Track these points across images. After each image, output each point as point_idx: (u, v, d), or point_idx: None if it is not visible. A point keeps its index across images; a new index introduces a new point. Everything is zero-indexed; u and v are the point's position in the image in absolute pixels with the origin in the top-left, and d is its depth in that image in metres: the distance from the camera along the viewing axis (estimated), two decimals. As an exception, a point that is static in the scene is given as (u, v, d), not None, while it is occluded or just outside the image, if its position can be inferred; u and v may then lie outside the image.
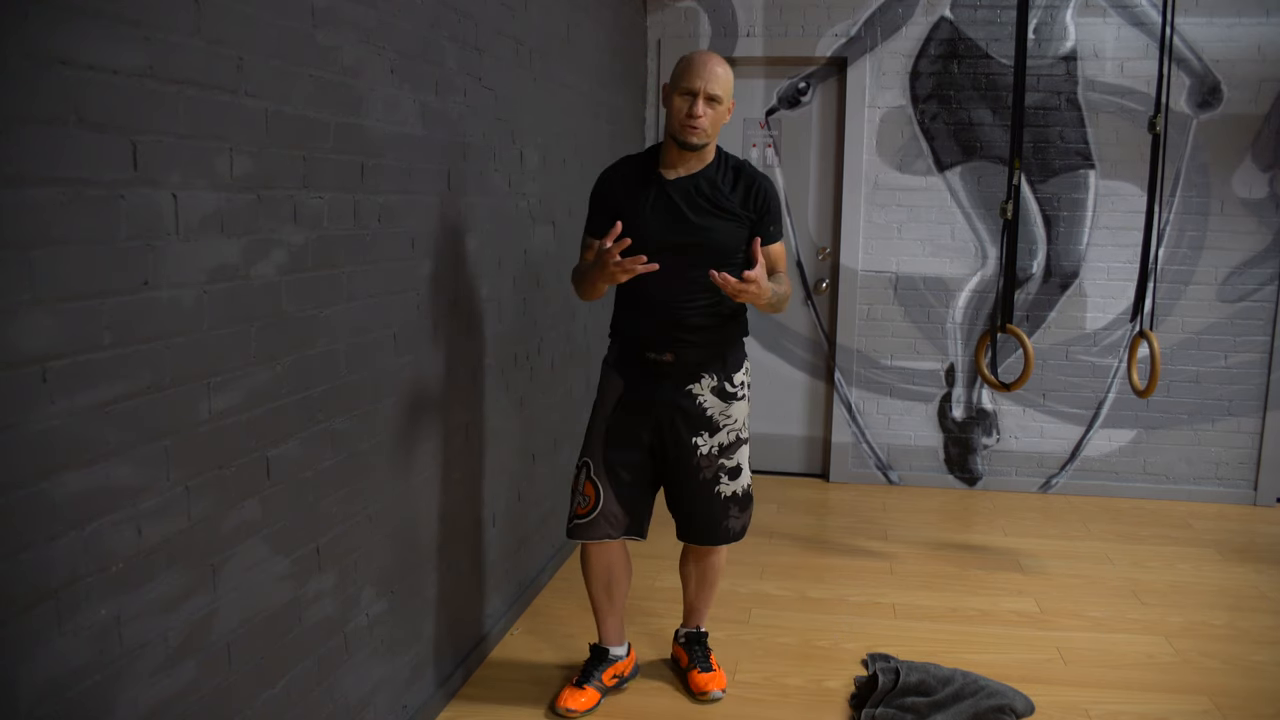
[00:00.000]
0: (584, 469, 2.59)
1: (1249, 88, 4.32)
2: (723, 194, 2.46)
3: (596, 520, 2.58)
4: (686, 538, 2.68)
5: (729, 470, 2.58)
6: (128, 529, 1.45)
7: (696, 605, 2.81)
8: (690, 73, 2.37)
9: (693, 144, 2.40)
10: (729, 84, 2.39)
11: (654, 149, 2.56)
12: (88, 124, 1.33)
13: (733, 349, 2.58)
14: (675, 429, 2.53)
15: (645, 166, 2.52)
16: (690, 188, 2.46)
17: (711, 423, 2.54)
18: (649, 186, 2.48)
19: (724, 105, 2.40)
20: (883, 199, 4.61)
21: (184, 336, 1.55)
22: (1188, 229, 4.45)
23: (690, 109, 2.36)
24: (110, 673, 1.42)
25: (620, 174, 2.55)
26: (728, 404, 2.55)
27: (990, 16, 4.43)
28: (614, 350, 2.63)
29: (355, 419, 2.12)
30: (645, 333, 2.51)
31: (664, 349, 2.50)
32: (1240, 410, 4.51)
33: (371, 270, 2.15)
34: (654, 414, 2.54)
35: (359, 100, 2.06)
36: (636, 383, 2.55)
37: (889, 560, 3.78)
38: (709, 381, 2.53)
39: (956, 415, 4.71)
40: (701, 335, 2.50)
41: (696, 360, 2.51)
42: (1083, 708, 2.68)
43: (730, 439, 2.57)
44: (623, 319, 2.59)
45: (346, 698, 2.13)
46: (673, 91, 2.40)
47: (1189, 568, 3.74)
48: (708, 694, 2.67)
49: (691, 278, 2.44)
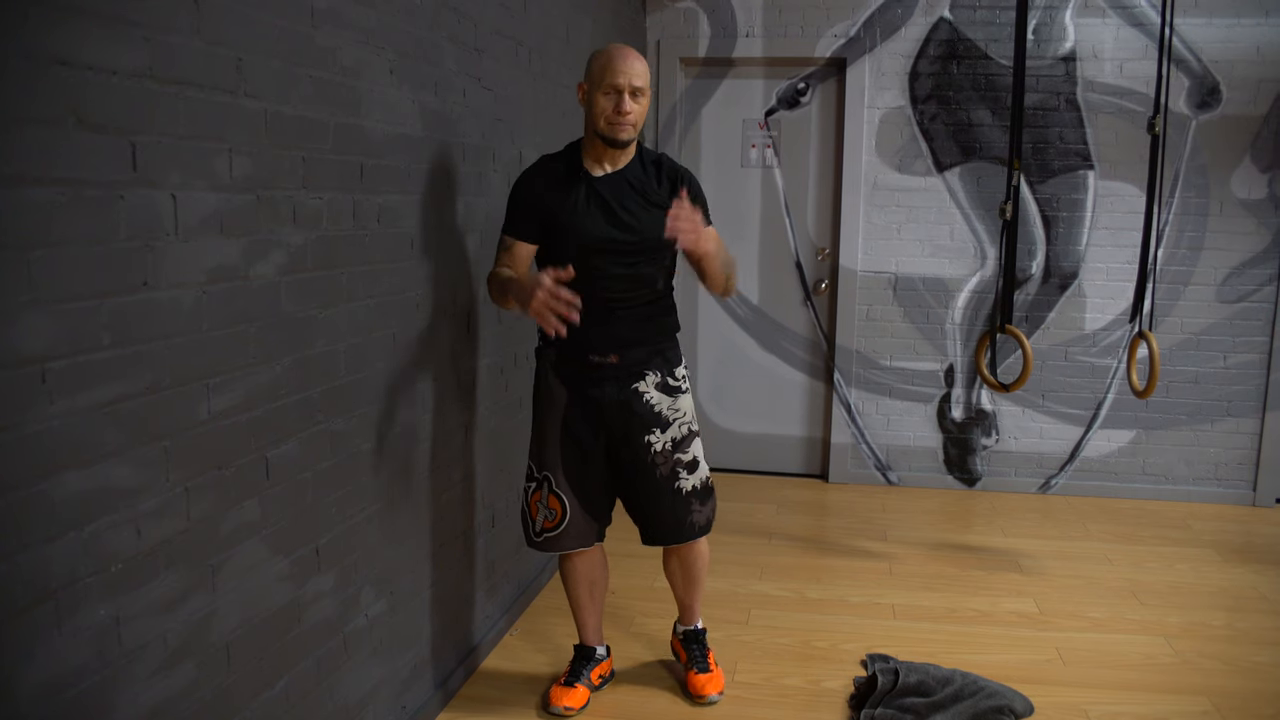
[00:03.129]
0: (545, 482, 2.55)
1: (1248, 88, 4.33)
2: (652, 188, 2.44)
3: (566, 533, 2.56)
4: (654, 541, 2.63)
5: (686, 464, 2.55)
6: (127, 530, 1.45)
7: (688, 601, 2.79)
8: (612, 69, 2.33)
9: (622, 140, 2.37)
10: (647, 74, 2.38)
11: (573, 146, 2.50)
12: (87, 125, 1.33)
13: (670, 345, 2.56)
14: (627, 430, 2.50)
15: (569, 165, 2.46)
16: (620, 184, 2.43)
17: (661, 419, 2.51)
18: (576, 186, 2.43)
19: (646, 97, 2.38)
20: (882, 199, 4.61)
21: (183, 337, 1.55)
22: (1187, 230, 4.45)
23: (618, 105, 2.33)
24: (109, 673, 1.42)
25: (543, 174, 2.47)
26: (674, 398, 2.53)
27: (989, 17, 4.43)
28: (549, 354, 2.55)
29: (354, 420, 2.12)
30: (586, 335, 2.41)
31: (607, 350, 2.46)
32: (1239, 411, 4.51)
33: (371, 271, 2.15)
34: (603, 418, 2.50)
35: (358, 101, 2.06)
36: (581, 388, 2.50)
37: (888, 561, 3.78)
38: (653, 378, 2.50)
39: (956, 416, 4.71)
40: (642, 333, 2.48)
41: (640, 359, 2.49)
42: (1082, 708, 2.68)
43: (682, 433, 2.54)
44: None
45: (346, 698, 2.13)
46: (595, 90, 2.36)
47: (1188, 568, 3.75)
48: (705, 697, 2.67)
49: (629, 276, 2.43)
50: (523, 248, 2.46)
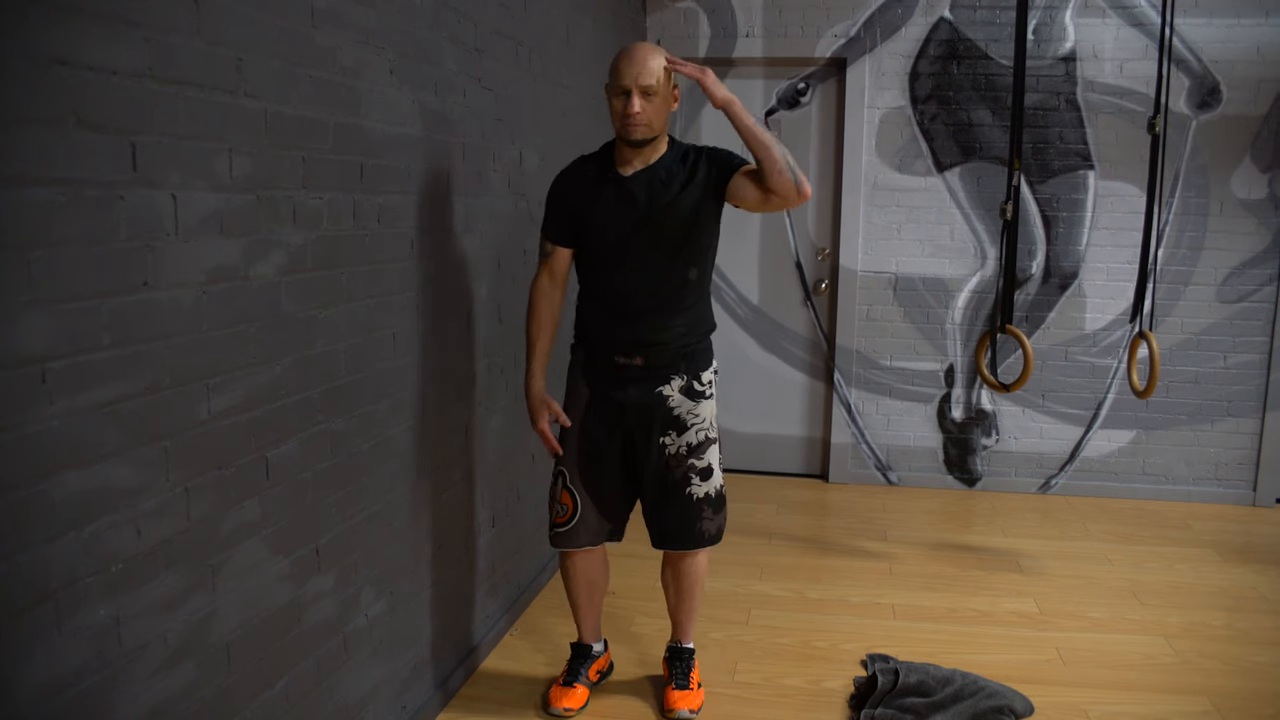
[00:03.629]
0: (560, 478, 2.56)
1: (1248, 88, 4.33)
2: (681, 178, 2.41)
3: (576, 529, 2.55)
4: (661, 544, 2.60)
5: (700, 471, 2.52)
6: (127, 530, 1.45)
7: (678, 617, 2.72)
8: (618, 71, 2.32)
9: (636, 140, 2.35)
10: (658, 71, 2.31)
11: (608, 146, 2.50)
12: (87, 124, 1.33)
13: (700, 347, 2.52)
14: (645, 431, 2.49)
15: (601, 165, 2.47)
16: (651, 180, 2.41)
17: (679, 422, 2.49)
18: (606, 186, 2.43)
19: (660, 95, 2.33)
20: (882, 200, 4.61)
21: (183, 337, 1.55)
22: (1187, 230, 4.45)
23: (625, 107, 2.31)
24: (109, 673, 1.42)
25: (576, 174, 2.49)
26: (696, 403, 2.50)
27: (989, 17, 4.43)
28: (580, 354, 2.57)
29: (354, 420, 2.11)
30: (613, 336, 2.46)
31: (633, 353, 2.46)
32: (1239, 411, 4.51)
33: (371, 271, 2.15)
34: (624, 419, 2.49)
35: (358, 101, 2.06)
36: (605, 389, 2.50)
37: (888, 561, 3.78)
38: (678, 382, 2.48)
39: (956, 416, 4.71)
40: (670, 335, 2.45)
41: (665, 362, 2.47)
42: (1082, 708, 2.68)
43: (699, 439, 2.51)
44: (589, 321, 2.53)
45: (346, 698, 2.13)
46: (609, 93, 2.36)
47: (1188, 568, 3.75)
48: (674, 712, 2.60)
49: (658, 275, 2.42)
50: (561, 254, 2.51)
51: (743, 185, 2.37)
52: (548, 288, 2.54)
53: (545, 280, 2.54)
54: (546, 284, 2.54)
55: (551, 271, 2.53)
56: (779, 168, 2.28)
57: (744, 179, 2.37)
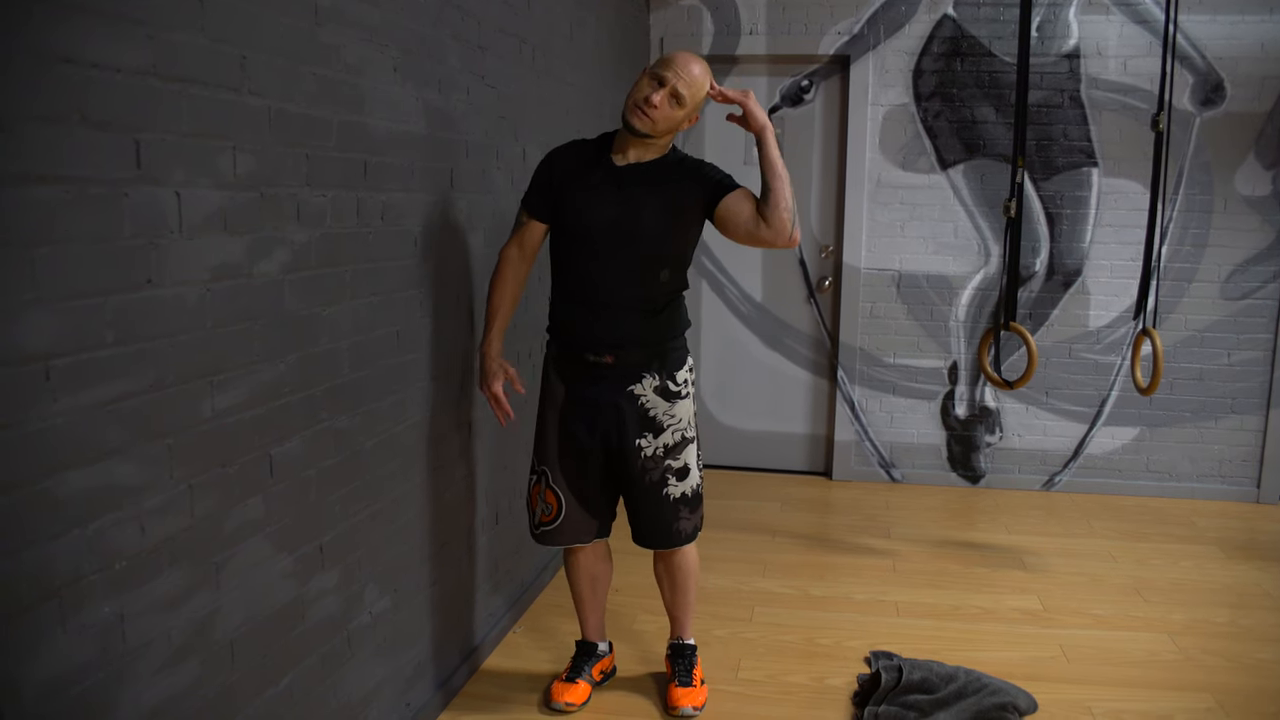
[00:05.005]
0: (542, 477, 2.55)
1: (1252, 85, 4.32)
2: (670, 185, 2.39)
3: (561, 528, 2.55)
4: (641, 542, 2.60)
5: (676, 471, 2.50)
6: (131, 527, 1.45)
7: (674, 613, 2.73)
8: (666, 60, 2.32)
9: (637, 129, 2.33)
10: (698, 90, 2.32)
11: (606, 136, 2.49)
12: (91, 122, 1.33)
13: (674, 346, 2.50)
14: (621, 431, 2.47)
15: (598, 150, 2.46)
16: (639, 176, 2.39)
17: (655, 423, 2.47)
18: (596, 169, 2.42)
19: (685, 110, 2.32)
20: (885, 197, 4.61)
21: (187, 335, 1.55)
22: (1191, 227, 4.44)
23: (649, 95, 2.30)
24: (113, 671, 1.42)
25: (570, 151, 2.48)
26: (671, 403, 2.48)
27: (993, 14, 4.42)
28: (553, 347, 2.55)
29: (358, 417, 2.12)
30: (584, 332, 2.43)
31: (604, 350, 2.43)
32: (1243, 408, 4.51)
33: (374, 269, 2.15)
34: (599, 417, 2.47)
35: (362, 98, 2.06)
36: (578, 386, 2.48)
37: (892, 558, 3.78)
38: (651, 381, 2.46)
39: (959, 413, 4.71)
40: (641, 332, 2.43)
41: (637, 361, 2.44)
42: (1086, 705, 2.68)
43: (675, 439, 2.49)
44: (560, 315, 2.50)
45: (349, 696, 2.13)
46: (645, 73, 2.34)
47: (1192, 565, 3.74)
48: (678, 709, 2.60)
49: (631, 269, 2.40)
50: (535, 227, 2.50)
51: (738, 207, 2.35)
52: (516, 258, 2.53)
53: (515, 250, 2.52)
54: (515, 254, 2.52)
55: (522, 243, 2.51)
56: (785, 204, 2.30)
57: (740, 201, 2.36)
